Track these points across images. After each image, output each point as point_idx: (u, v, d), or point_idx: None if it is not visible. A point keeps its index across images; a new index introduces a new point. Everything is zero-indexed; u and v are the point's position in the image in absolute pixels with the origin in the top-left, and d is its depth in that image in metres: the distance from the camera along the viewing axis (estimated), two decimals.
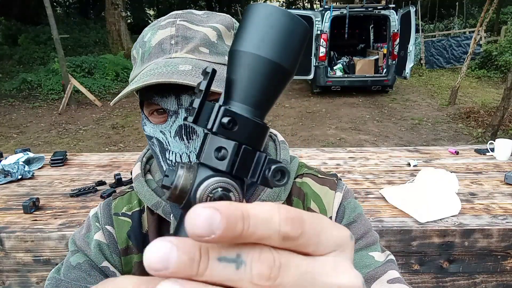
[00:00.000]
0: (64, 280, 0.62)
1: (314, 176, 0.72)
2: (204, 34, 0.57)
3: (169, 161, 0.59)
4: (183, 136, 0.56)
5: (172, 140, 0.57)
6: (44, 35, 13.24)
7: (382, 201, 1.78)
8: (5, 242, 1.51)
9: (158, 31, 0.58)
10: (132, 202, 0.71)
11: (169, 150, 0.58)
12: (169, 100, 0.56)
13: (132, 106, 8.20)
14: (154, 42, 0.58)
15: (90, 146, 5.86)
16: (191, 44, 0.56)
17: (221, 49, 0.58)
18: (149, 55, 0.58)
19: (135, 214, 0.70)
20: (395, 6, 8.95)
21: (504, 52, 10.61)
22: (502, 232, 1.52)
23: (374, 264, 0.62)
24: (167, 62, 0.54)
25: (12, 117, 7.54)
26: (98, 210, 0.72)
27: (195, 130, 0.56)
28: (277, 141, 0.74)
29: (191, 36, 0.57)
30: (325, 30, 7.91)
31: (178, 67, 0.53)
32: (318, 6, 22.94)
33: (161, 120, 0.59)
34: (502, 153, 2.30)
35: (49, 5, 7.14)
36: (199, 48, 0.57)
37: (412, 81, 10.06)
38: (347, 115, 7.19)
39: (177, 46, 0.56)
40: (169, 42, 0.57)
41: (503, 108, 5.55)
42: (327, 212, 0.69)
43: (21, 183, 2.06)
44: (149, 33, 0.59)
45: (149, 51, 0.58)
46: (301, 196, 0.70)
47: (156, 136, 0.59)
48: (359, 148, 2.68)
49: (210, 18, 0.61)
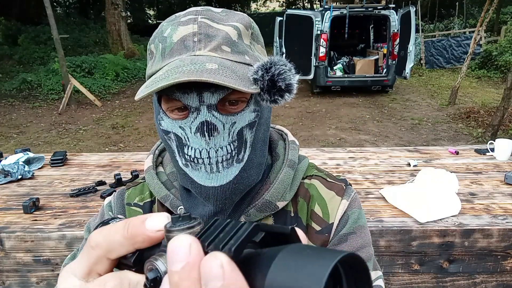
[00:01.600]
0: None
1: (323, 179, 0.72)
2: (226, 33, 0.58)
3: (187, 156, 0.59)
4: (205, 132, 0.56)
5: (192, 136, 0.58)
6: (44, 35, 13.25)
7: (382, 201, 1.78)
8: (5, 242, 1.51)
9: (179, 27, 0.58)
10: (144, 193, 0.74)
11: (188, 146, 0.59)
12: (190, 97, 0.56)
13: (132, 106, 8.21)
14: (176, 38, 0.58)
15: (90, 146, 5.86)
16: (214, 42, 0.57)
17: (241, 48, 0.59)
18: (170, 50, 0.58)
19: (146, 205, 0.72)
20: (395, 6, 8.94)
21: (504, 52, 10.61)
22: (502, 232, 1.52)
23: None
24: (192, 59, 0.54)
25: (12, 117, 7.54)
26: (112, 200, 0.74)
27: (216, 127, 0.57)
28: (287, 141, 0.74)
29: (214, 34, 0.57)
30: (325, 30, 7.91)
31: (206, 66, 0.53)
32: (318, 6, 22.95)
33: (181, 116, 0.59)
34: (502, 153, 2.30)
35: (49, 5, 7.14)
36: (221, 46, 0.57)
37: (412, 81, 10.06)
38: (347, 115, 7.19)
39: (200, 43, 0.57)
40: (192, 39, 0.57)
41: (503, 108, 5.55)
42: (329, 217, 0.68)
43: (21, 183, 2.06)
44: (168, 28, 0.59)
45: (170, 47, 0.58)
46: (306, 197, 0.69)
47: (175, 131, 0.59)
48: (359, 148, 2.68)
49: (229, 16, 0.61)
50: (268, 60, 0.55)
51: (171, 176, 0.73)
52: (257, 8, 32.11)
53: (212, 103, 0.56)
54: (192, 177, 0.60)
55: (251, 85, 0.55)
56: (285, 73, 0.55)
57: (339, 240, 0.66)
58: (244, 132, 0.59)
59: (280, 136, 0.76)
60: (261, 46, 0.66)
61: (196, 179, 0.60)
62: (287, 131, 0.77)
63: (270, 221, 0.67)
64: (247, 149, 0.61)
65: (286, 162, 0.68)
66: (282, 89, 0.55)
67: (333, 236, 0.67)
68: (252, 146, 0.61)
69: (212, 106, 0.56)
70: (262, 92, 0.55)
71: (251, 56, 0.60)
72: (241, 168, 0.60)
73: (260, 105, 0.61)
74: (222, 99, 0.57)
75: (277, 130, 0.78)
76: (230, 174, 0.59)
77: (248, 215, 0.65)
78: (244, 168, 0.61)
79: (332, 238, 0.67)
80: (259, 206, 0.65)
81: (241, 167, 0.60)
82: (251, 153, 0.61)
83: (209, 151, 0.57)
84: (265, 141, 0.66)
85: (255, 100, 0.59)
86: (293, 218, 0.68)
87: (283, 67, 0.55)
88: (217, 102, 0.56)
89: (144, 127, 6.69)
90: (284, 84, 0.55)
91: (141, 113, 7.62)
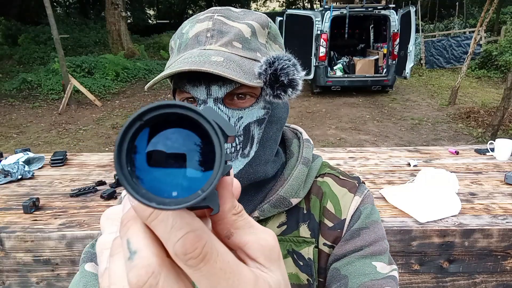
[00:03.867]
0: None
1: (336, 176, 0.72)
2: (239, 30, 0.59)
3: None
4: None
5: None
6: (44, 35, 13.25)
7: (382, 201, 1.78)
8: (5, 242, 1.51)
9: (196, 24, 0.60)
10: None
11: None
12: (199, 89, 0.57)
13: (132, 106, 8.21)
14: (191, 34, 0.60)
15: (90, 146, 5.86)
16: (225, 38, 0.59)
17: (253, 45, 0.60)
18: (185, 45, 0.60)
19: None
20: (395, 6, 8.95)
21: (504, 52, 10.61)
22: (502, 232, 1.52)
23: (374, 274, 0.61)
24: (200, 53, 0.56)
25: (12, 117, 7.54)
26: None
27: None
28: (301, 139, 0.74)
29: (226, 31, 0.59)
30: (325, 30, 7.91)
31: (211, 58, 0.54)
32: (318, 6, 22.95)
33: None
34: (502, 153, 2.30)
35: (49, 5, 7.14)
36: (232, 42, 0.59)
37: (412, 81, 10.06)
38: (347, 115, 7.19)
39: (212, 39, 0.58)
40: (205, 34, 0.59)
41: (503, 108, 5.55)
42: (342, 213, 0.68)
43: (21, 183, 2.06)
44: (187, 25, 0.62)
45: (185, 42, 0.60)
46: (319, 194, 0.70)
47: None
48: (359, 148, 2.68)
49: (246, 15, 0.63)
50: (273, 55, 0.56)
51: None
52: (257, 8, 32.13)
53: (219, 96, 0.57)
54: None
55: (254, 79, 0.55)
56: (288, 68, 0.55)
57: (352, 235, 0.65)
58: (251, 128, 0.60)
59: (294, 134, 0.76)
60: (278, 46, 0.67)
61: None
62: (302, 130, 0.77)
63: (283, 217, 0.67)
64: (254, 145, 0.61)
65: (300, 159, 0.68)
66: (285, 84, 0.55)
67: (346, 231, 0.66)
68: (260, 142, 0.61)
69: (218, 99, 0.57)
70: (265, 86, 0.56)
71: (264, 54, 0.60)
72: (246, 163, 0.60)
73: (272, 103, 0.62)
74: (230, 93, 0.58)
75: (292, 129, 0.79)
76: (234, 168, 0.60)
77: (262, 210, 0.65)
78: (250, 163, 0.61)
79: (344, 233, 0.66)
80: (273, 202, 0.65)
81: (246, 162, 0.60)
82: (258, 149, 0.61)
83: None
84: (277, 140, 0.66)
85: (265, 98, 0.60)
86: (305, 214, 0.68)
87: (286, 62, 0.55)
88: (223, 96, 0.57)
89: None
90: (287, 79, 0.55)
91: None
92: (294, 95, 0.57)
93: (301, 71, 0.57)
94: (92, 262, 0.64)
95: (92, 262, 0.64)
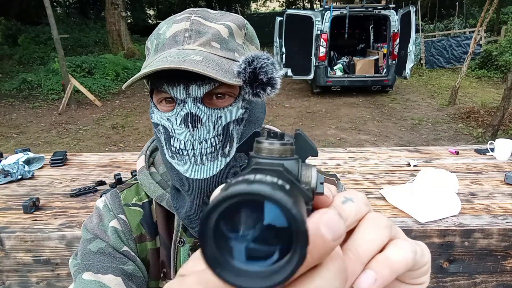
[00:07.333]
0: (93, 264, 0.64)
1: None
2: (217, 30, 0.60)
3: (173, 148, 0.61)
4: (189, 124, 0.58)
5: (177, 128, 0.59)
6: (44, 35, 13.25)
7: (382, 201, 1.78)
8: (5, 242, 1.51)
9: (173, 24, 0.61)
10: (141, 194, 0.74)
11: (174, 137, 0.60)
12: (178, 89, 0.58)
13: (132, 106, 8.21)
14: (169, 34, 0.60)
15: (90, 146, 5.86)
16: (203, 38, 0.59)
17: (231, 46, 0.61)
18: (163, 45, 0.60)
19: (145, 204, 0.73)
20: (395, 6, 8.95)
21: (504, 52, 10.61)
22: (502, 232, 1.52)
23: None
24: (179, 52, 0.57)
25: (12, 117, 7.54)
26: (107, 201, 0.74)
27: (200, 119, 0.58)
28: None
29: (204, 31, 0.60)
30: (325, 30, 7.91)
31: (190, 57, 0.55)
32: (318, 6, 22.95)
33: (169, 108, 0.61)
34: (502, 153, 2.30)
35: (49, 5, 7.14)
36: (210, 42, 0.59)
37: (412, 81, 10.06)
38: (347, 115, 7.19)
39: (190, 39, 0.59)
40: (183, 35, 0.59)
41: (503, 108, 5.55)
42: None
43: (21, 183, 2.06)
44: (164, 26, 0.62)
45: (163, 42, 0.61)
46: None
47: (163, 124, 0.61)
48: (359, 148, 2.68)
49: (223, 16, 0.64)
50: (252, 54, 0.56)
51: (164, 176, 0.74)
52: (257, 8, 32.14)
53: (198, 95, 0.57)
54: (178, 169, 0.62)
55: (234, 78, 0.56)
56: (267, 66, 0.55)
57: None
58: (231, 127, 0.60)
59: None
60: (255, 48, 0.67)
61: (181, 170, 0.61)
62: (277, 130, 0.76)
63: None
64: (234, 144, 0.61)
65: None
66: (264, 83, 0.56)
67: None
68: (239, 142, 0.62)
69: (197, 99, 0.58)
70: (244, 85, 0.56)
71: (241, 55, 0.61)
72: (226, 163, 0.61)
73: (251, 103, 0.62)
74: (209, 93, 0.58)
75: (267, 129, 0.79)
76: (215, 167, 0.60)
77: None
78: (230, 163, 0.61)
79: None
80: None
81: (226, 162, 0.61)
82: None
83: (193, 143, 0.59)
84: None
85: (244, 97, 0.61)
86: None
87: (265, 60, 0.56)
88: (203, 95, 0.58)
89: (144, 127, 6.68)
90: (266, 78, 0.55)
91: (141, 113, 7.61)
92: (273, 93, 0.57)
93: (279, 70, 0.57)
94: (90, 271, 0.63)
95: (90, 271, 0.63)
